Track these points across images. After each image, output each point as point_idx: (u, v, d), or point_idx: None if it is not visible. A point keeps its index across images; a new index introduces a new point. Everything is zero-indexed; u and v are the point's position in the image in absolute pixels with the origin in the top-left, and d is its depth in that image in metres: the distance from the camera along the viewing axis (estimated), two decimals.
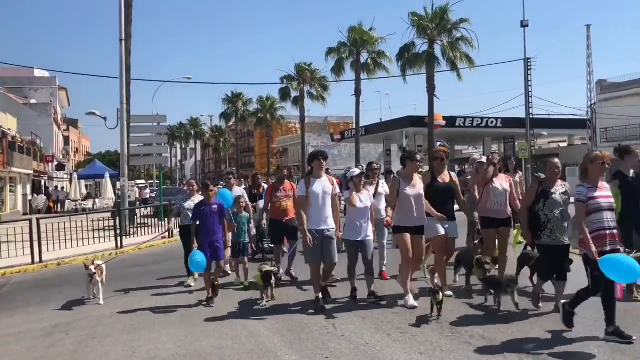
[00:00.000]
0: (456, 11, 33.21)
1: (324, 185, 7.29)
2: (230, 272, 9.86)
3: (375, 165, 9.04)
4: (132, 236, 16.75)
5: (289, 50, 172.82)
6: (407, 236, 7.08)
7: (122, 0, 18.85)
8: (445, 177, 7.64)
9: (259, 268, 7.90)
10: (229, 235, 8.49)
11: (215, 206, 7.97)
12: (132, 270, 11.52)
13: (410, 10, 32.56)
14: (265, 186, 12.03)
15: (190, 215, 8.48)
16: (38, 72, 53.27)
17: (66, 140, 63.41)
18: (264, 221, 10.06)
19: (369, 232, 7.45)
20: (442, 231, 7.38)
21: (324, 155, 7.49)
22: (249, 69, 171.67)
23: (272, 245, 9.59)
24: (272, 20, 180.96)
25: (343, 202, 8.80)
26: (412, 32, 32.53)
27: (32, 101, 49.60)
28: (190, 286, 9.12)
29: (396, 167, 37.23)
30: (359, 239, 7.35)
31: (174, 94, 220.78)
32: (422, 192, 7.22)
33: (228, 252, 8.75)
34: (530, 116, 34.00)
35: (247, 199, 10.27)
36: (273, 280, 7.66)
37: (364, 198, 7.45)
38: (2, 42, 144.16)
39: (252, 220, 9.71)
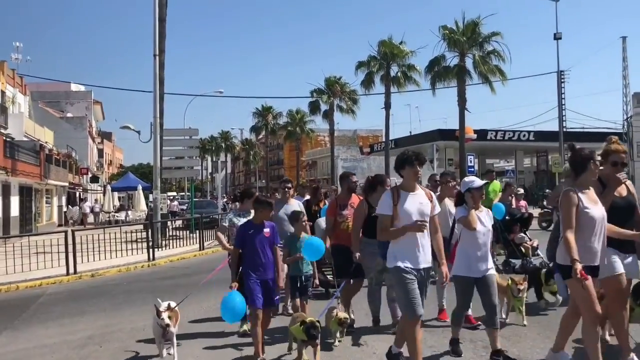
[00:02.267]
0: (487, 24, 32.94)
1: (420, 202, 5.02)
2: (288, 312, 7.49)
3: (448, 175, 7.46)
4: (164, 248, 16.92)
5: (319, 64, 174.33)
6: (592, 283, 4.56)
7: (157, 16, 19.22)
8: (622, 190, 5.24)
9: (294, 317, 6.01)
10: (284, 267, 6.66)
11: (268, 230, 5.82)
12: (164, 283, 11.62)
13: (440, 24, 32.53)
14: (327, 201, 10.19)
15: None
16: (74, 87, 54.67)
17: (100, 152, 64.69)
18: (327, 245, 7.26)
19: (490, 264, 5.56)
20: (621, 268, 4.92)
21: (420, 158, 5.14)
22: (280, 83, 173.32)
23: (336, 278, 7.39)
24: (302, 34, 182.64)
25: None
26: (443, 46, 32.46)
27: (69, 115, 50.86)
28: (247, 332, 6.70)
29: (425, 181, 37.01)
30: (478, 276, 5.44)
31: (206, 107, 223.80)
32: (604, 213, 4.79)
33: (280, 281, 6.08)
34: (564, 129, 33.43)
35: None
36: (318, 335, 5.48)
37: (484, 218, 5.58)
38: (40, 57, 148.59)
39: None
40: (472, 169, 29.16)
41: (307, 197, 10.84)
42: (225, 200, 38.08)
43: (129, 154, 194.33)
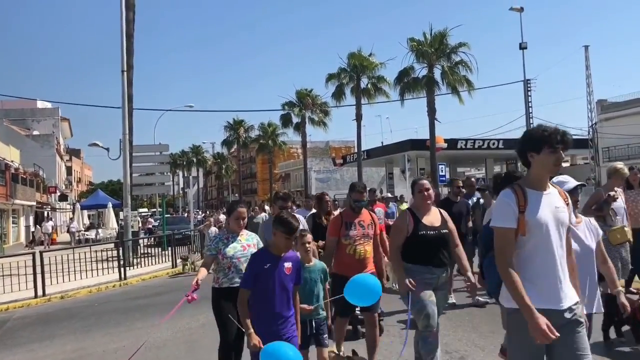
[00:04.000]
0: (454, 35, 33.42)
1: (555, 205, 3.18)
2: None
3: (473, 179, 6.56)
4: (135, 267, 16.63)
5: (289, 77, 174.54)
6: None
7: (124, 32, 19.04)
8: None
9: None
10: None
11: (290, 265, 4.20)
12: (136, 303, 11.40)
13: (408, 36, 32.89)
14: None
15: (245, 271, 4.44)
16: (40, 104, 53.70)
17: (69, 170, 63.59)
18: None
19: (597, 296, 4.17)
20: None
21: (566, 139, 3.20)
22: (251, 97, 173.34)
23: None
24: (272, 47, 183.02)
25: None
26: (411, 57, 32.79)
27: (35, 132, 49.89)
28: None
29: (399, 190, 37.23)
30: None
31: (176, 122, 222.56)
32: None
33: None
34: None
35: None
36: None
37: (582, 230, 4.18)
38: (4, 74, 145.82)
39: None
40: (444, 178, 29.44)
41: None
42: (202, 215, 36.45)
43: (99, 171, 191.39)
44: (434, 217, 5.03)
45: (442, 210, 5.20)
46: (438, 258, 4.89)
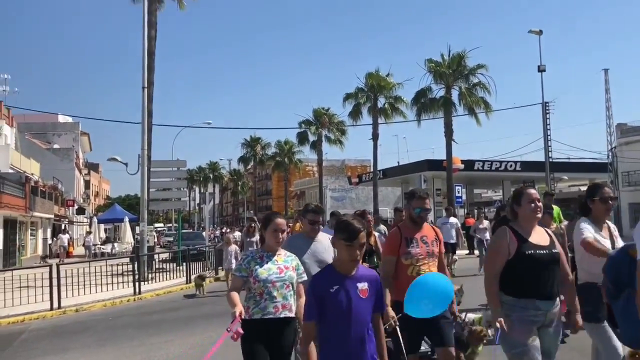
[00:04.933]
0: (473, 57, 33.49)
1: None
2: None
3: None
4: (150, 282, 16.69)
5: (307, 96, 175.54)
6: None
7: (145, 49, 19.35)
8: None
9: None
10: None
11: (365, 285, 3.29)
12: (150, 318, 11.42)
13: (426, 57, 33.04)
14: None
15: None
16: (62, 118, 54.60)
17: (87, 184, 64.32)
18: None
19: None
20: None
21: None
22: (268, 115, 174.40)
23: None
24: (290, 66, 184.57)
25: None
26: (429, 78, 32.91)
27: (55, 146, 50.67)
28: None
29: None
30: None
31: (194, 138, 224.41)
32: None
33: None
34: (550, 160, 33.77)
35: None
36: None
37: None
38: (28, 89, 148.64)
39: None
40: (460, 199, 29.28)
41: (381, 227, 9.10)
42: (223, 229, 34.68)
43: (116, 185, 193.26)
44: (540, 234, 3.99)
45: (545, 228, 4.14)
46: (548, 286, 3.82)
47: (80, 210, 50.45)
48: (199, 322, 10.35)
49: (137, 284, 14.68)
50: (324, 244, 4.94)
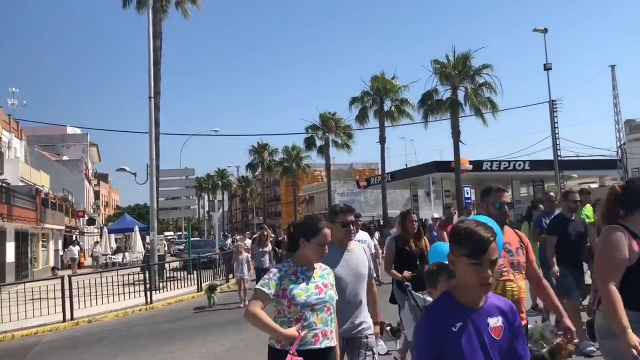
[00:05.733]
0: (478, 57, 33.38)
1: None
2: None
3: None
4: (161, 290, 16.73)
5: (313, 101, 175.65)
6: None
7: (151, 59, 19.45)
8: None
9: None
10: None
11: (498, 320, 2.31)
12: (162, 327, 11.44)
13: (432, 58, 32.99)
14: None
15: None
16: (70, 130, 54.95)
17: (96, 194, 64.62)
18: None
19: None
20: None
21: None
22: (275, 120, 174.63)
23: None
24: (295, 71, 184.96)
25: None
26: (435, 79, 32.83)
27: (64, 158, 50.96)
28: None
29: (424, 213, 36.97)
30: None
31: (202, 146, 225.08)
32: None
33: None
34: (559, 158, 33.61)
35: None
36: None
37: None
38: (36, 101, 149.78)
39: None
40: (469, 200, 29.15)
41: (393, 230, 8.05)
42: (240, 237, 33.15)
43: (125, 194, 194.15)
44: None
45: None
46: None
47: (91, 221, 50.68)
48: (212, 330, 10.36)
49: (148, 293, 14.73)
50: (357, 254, 4.06)
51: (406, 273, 5.53)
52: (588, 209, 8.58)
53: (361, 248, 4.18)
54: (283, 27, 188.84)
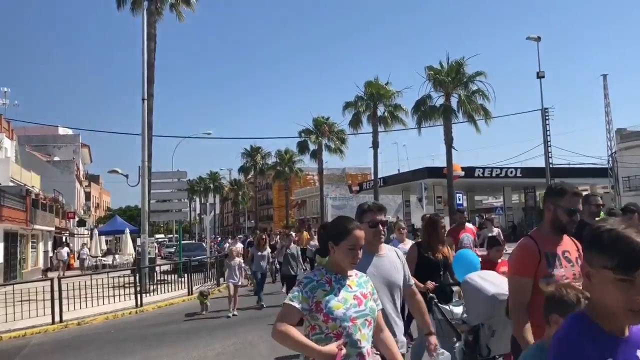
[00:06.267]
0: (471, 65, 33.63)
1: None
2: None
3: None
4: (152, 293, 16.64)
5: (306, 105, 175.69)
6: None
7: (145, 61, 19.39)
8: None
9: None
10: None
11: None
12: (152, 330, 11.36)
13: (425, 65, 33.18)
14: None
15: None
16: (62, 130, 54.66)
17: (87, 196, 64.26)
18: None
19: None
20: None
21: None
22: (268, 124, 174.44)
23: None
24: (290, 75, 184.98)
25: None
26: (428, 86, 33.01)
27: (56, 158, 50.69)
28: None
29: (415, 218, 36.95)
30: None
31: (194, 148, 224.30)
32: None
33: None
34: (550, 165, 33.78)
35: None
36: None
37: None
38: (27, 101, 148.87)
39: None
40: (461, 206, 29.24)
41: (393, 235, 7.99)
42: (231, 241, 29.73)
43: (117, 196, 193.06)
44: None
45: None
46: None
47: (81, 222, 50.42)
48: (202, 334, 10.30)
49: (138, 296, 14.63)
50: (390, 259, 3.61)
51: (430, 284, 5.01)
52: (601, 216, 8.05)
53: (394, 252, 3.71)
54: (277, 32, 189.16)
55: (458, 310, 4.94)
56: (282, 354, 8.27)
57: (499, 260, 5.86)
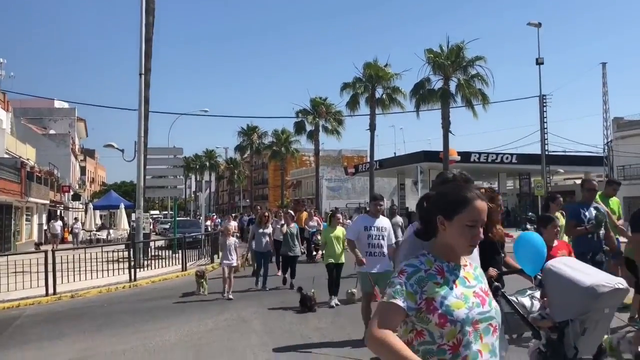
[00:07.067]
0: (471, 49, 33.49)
1: None
2: None
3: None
4: (145, 269, 16.71)
5: (304, 85, 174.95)
6: None
7: (143, 35, 19.22)
8: None
9: None
10: None
11: None
12: (145, 305, 11.44)
13: (425, 47, 33.03)
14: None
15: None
16: (58, 104, 54.30)
17: (83, 170, 64.10)
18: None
19: None
20: None
21: None
22: (265, 104, 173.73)
23: None
24: (288, 54, 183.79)
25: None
26: (428, 69, 32.91)
27: (51, 132, 50.42)
28: None
29: (410, 202, 37.05)
30: None
31: (191, 125, 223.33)
32: None
33: None
34: (546, 153, 33.82)
35: None
36: None
37: None
38: (23, 73, 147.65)
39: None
40: None
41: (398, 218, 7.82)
42: (248, 216, 26.63)
43: (112, 171, 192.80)
44: None
45: None
46: None
47: (76, 197, 50.31)
48: (195, 310, 10.38)
49: (132, 270, 14.69)
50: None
51: (492, 271, 4.06)
52: (615, 202, 7.98)
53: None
54: (276, 10, 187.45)
55: (526, 301, 4.27)
56: (275, 330, 8.36)
57: (555, 243, 5.03)
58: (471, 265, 2.32)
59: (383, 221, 7.89)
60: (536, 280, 4.13)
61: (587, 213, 6.58)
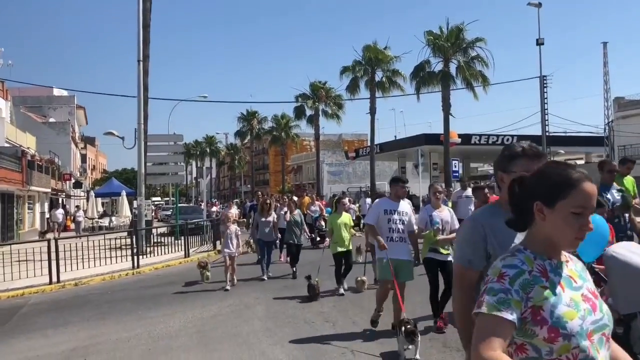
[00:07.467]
0: (471, 30, 33.24)
1: None
2: None
3: None
4: (148, 255, 16.76)
5: (303, 69, 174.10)
6: None
7: (140, 22, 19.10)
8: None
9: None
10: None
11: None
12: (148, 292, 11.50)
13: (425, 29, 32.83)
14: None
15: None
16: (57, 92, 54.09)
17: (83, 158, 64.05)
18: None
19: None
20: None
21: None
22: (265, 88, 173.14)
23: None
24: (288, 38, 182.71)
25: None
26: (428, 51, 32.73)
27: (51, 120, 50.32)
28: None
29: (411, 185, 36.96)
30: None
31: (191, 112, 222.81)
32: None
33: None
34: (547, 134, 33.74)
35: None
36: None
37: None
38: (23, 61, 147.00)
39: None
40: (457, 174, 29.30)
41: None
42: (250, 202, 26.09)
43: (113, 159, 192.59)
44: None
45: None
46: None
47: (77, 184, 50.34)
48: (198, 296, 10.45)
49: (135, 257, 14.76)
50: None
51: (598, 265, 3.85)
52: (629, 181, 7.46)
53: None
54: None
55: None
56: (279, 316, 8.42)
57: None
58: (572, 260, 1.94)
59: (404, 205, 7.36)
60: (590, 269, 3.56)
61: (609, 196, 6.15)
